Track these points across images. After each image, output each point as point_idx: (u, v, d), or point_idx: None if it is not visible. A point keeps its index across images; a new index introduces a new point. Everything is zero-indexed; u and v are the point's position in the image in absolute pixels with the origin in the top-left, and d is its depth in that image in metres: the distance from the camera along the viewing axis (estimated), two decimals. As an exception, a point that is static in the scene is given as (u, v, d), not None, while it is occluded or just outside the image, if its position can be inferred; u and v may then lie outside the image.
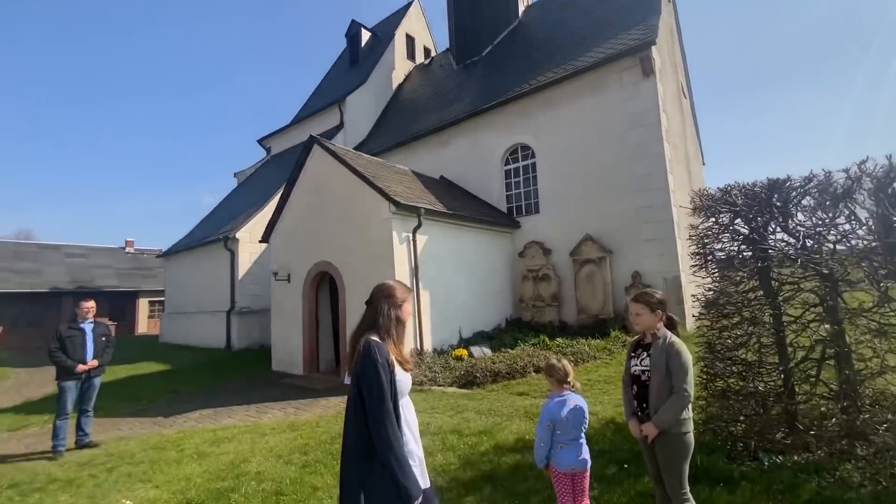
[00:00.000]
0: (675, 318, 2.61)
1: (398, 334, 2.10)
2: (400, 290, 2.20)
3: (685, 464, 2.34)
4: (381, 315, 2.09)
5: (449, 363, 7.63)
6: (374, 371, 1.88)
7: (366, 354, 1.92)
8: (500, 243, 10.90)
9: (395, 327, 2.09)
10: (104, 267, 26.03)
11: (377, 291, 2.16)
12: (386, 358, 1.95)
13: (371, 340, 2.00)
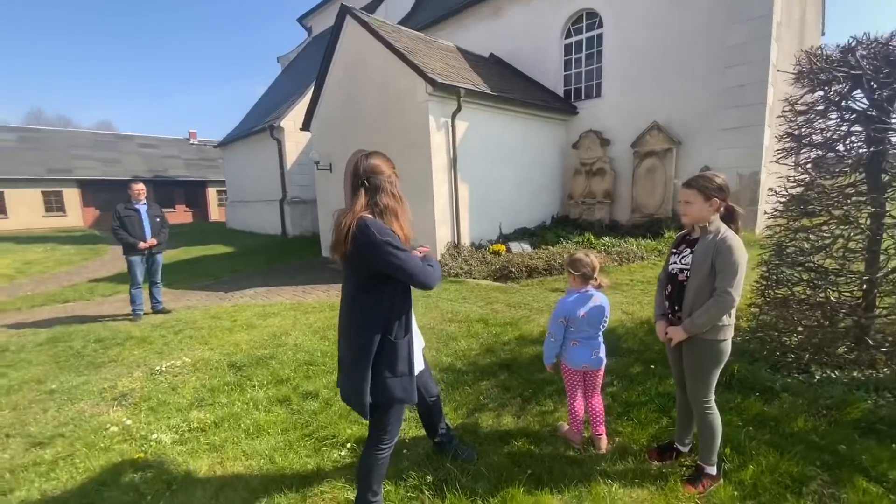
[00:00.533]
0: (736, 208, 2.09)
1: (401, 214, 1.87)
2: (388, 165, 1.90)
3: (715, 372, 2.06)
4: (382, 193, 1.83)
5: (486, 257, 7.53)
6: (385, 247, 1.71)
7: (363, 233, 1.71)
8: (552, 133, 9.86)
9: (399, 205, 1.86)
10: (173, 157, 27.77)
11: (366, 169, 1.85)
12: (389, 234, 1.74)
13: (366, 217, 1.77)
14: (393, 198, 1.88)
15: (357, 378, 1.79)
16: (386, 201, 1.85)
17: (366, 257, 1.74)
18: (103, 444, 2.86)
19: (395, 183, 1.92)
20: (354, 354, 1.81)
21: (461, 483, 2.21)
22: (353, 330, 1.83)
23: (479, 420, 2.85)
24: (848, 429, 2.42)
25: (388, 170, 1.90)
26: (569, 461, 2.38)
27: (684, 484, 2.11)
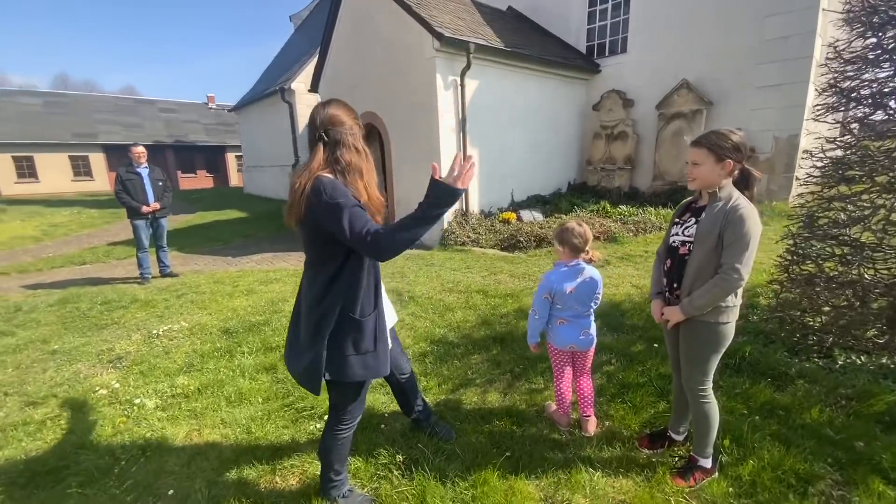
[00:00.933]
0: (753, 172, 1.78)
1: (367, 172, 1.64)
2: (350, 115, 1.66)
3: (714, 357, 1.83)
4: (343, 147, 1.60)
5: (494, 226, 7.27)
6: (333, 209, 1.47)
7: (316, 194, 1.50)
8: (572, 93, 9.22)
9: (364, 162, 1.63)
10: (193, 122, 27.87)
11: (323, 120, 1.62)
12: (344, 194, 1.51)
13: (322, 177, 1.56)
14: (356, 153, 1.64)
15: (313, 356, 1.64)
16: (348, 157, 1.62)
17: (316, 222, 1.54)
18: (90, 407, 2.88)
19: (359, 136, 1.68)
20: (311, 330, 1.64)
21: (432, 464, 2.09)
22: (310, 304, 1.66)
23: (464, 396, 2.72)
24: (869, 422, 2.17)
25: (350, 120, 1.66)
26: (551, 444, 2.23)
27: (673, 476, 1.93)
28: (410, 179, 7.70)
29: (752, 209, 1.66)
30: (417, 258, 6.48)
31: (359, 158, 1.64)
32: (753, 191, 1.78)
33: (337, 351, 1.63)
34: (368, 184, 1.66)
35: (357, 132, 1.68)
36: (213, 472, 2.20)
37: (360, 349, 1.63)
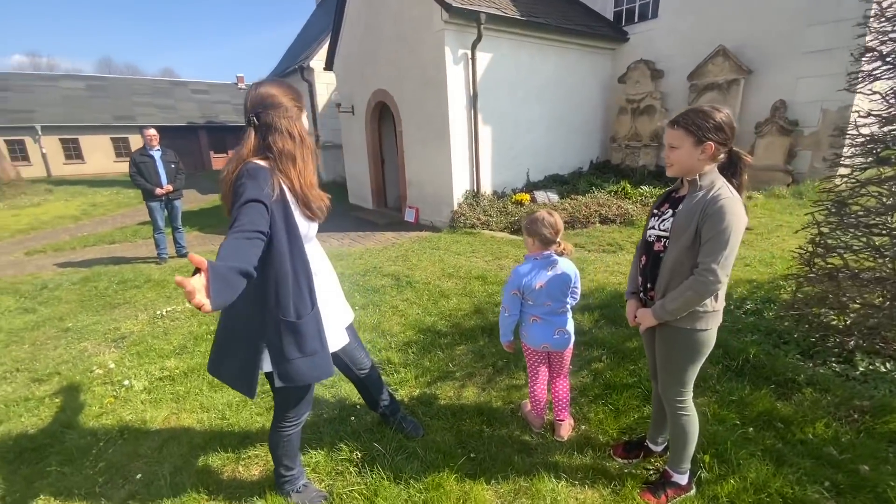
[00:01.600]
0: (743, 156, 1.52)
1: (301, 159, 1.51)
2: (287, 95, 1.51)
3: (691, 368, 1.62)
4: (275, 132, 1.48)
5: (507, 207, 7.01)
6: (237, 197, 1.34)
7: (238, 182, 1.40)
8: (596, 64, 8.62)
9: (299, 148, 1.49)
10: (224, 102, 28.46)
11: (254, 101, 1.50)
12: (266, 186, 1.39)
13: (251, 164, 1.45)
14: (290, 139, 1.51)
15: (246, 358, 1.57)
16: (280, 144, 1.49)
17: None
18: (85, 386, 2.99)
19: (297, 119, 1.54)
20: (242, 335, 1.56)
21: (392, 462, 2.02)
22: (241, 304, 1.54)
23: (440, 391, 2.63)
24: (881, 442, 1.91)
25: (287, 101, 1.52)
26: (520, 447, 2.11)
27: (643, 491, 1.77)
28: (421, 160, 7.51)
29: (736, 201, 1.41)
30: (424, 241, 6.37)
31: (293, 145, 1.51)
32: (743, 178, 1.53)
33: (281, 356, 1.53)
34: (302, 173, 1.53)
35: (295, 115, 1.55)
36: (182, 457, 2.22)
37: (305, 351, 1.53)
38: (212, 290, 1.01)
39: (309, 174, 1.56)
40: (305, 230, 1.57)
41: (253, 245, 1.24)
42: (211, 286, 1.02)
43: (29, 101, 22.83)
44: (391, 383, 2.74)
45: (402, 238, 6.79)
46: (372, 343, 3.29)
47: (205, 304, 0.99)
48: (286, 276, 1.48)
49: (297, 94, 1.58)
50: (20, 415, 2.75)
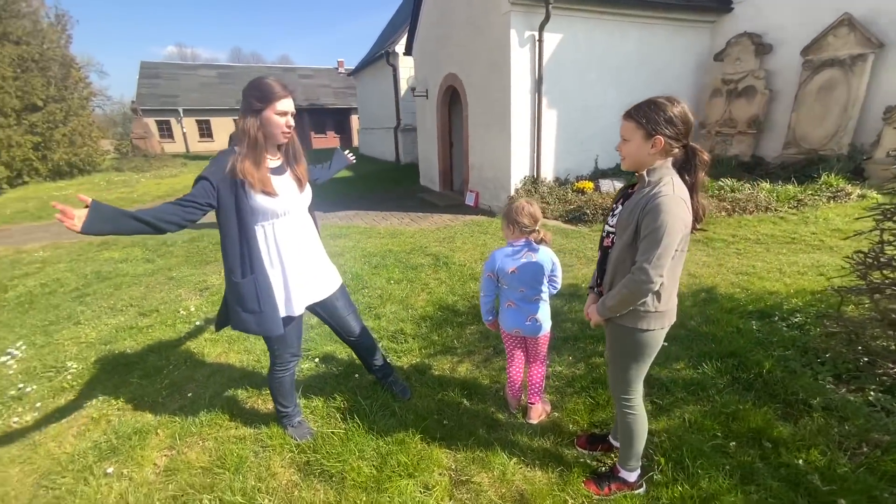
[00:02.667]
0: (699, 152, 1.44)
1: (248, 150, 1.76)
2: (257, 92, 1.76)
3: (634, 367, 1.60)
4: (241, 122, 1.78)
5: (567, 195, 6.80)
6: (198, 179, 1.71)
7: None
8: (688, 41, 7.76)
9: (242, 140, 1.76)
10: (325, 86, 30.86)
11: (243, 93, 1.80)
12: (221, 171, 1.72)
13: (227, 148, 1.79)
14: (242, 131, 1.74)
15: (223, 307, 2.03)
16: (237, 134, 1.77)
17: None
18: (172, 322, 3.75)
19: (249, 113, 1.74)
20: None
21: (371, 417, 2.29)
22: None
23: (437, 363, 2.83)
24: (880, 480, 1.67)
25: (250, 98, 1.73)
26: (489, 422, 2.24)
27: (587, 480, 1.81)
28: (483, 144, 7.56)
29: (675, 199, 1.36)
30: (475, 225, 6.50)
31: (242, 135, 1.74)
32: (698, 176, 1.45)
33: (231, 307, 1.89)
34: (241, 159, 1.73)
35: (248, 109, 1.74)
36: (221, 386, 2.74)
37: (245, 308, 1.84)
38: (86, 219, 1.43)
39: (245, 161, 1.73)
40: (271, 205, 1.80)
41: (179, 208, 1.63)
42: (87, 216, 1.43)
43: (174, 87, 27.16)
44: (398, 350, 3.02)
45: (456, 221, 6.99)
46: (395, 314, 3.59)
47: (73, 226, 1.40)
48: (231, 243, 1.79)
49: (263, 92, 1.74)
50: (124, 339, 3.55)
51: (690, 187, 1.45)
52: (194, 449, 2.23)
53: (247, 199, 1.77)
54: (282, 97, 1.79)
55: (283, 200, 1.87)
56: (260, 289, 1.87)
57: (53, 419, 2.56)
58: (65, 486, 2.04)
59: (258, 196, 1.78)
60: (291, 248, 1.96)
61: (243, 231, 1.80)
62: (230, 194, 1.74)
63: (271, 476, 2.01)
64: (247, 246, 1.81)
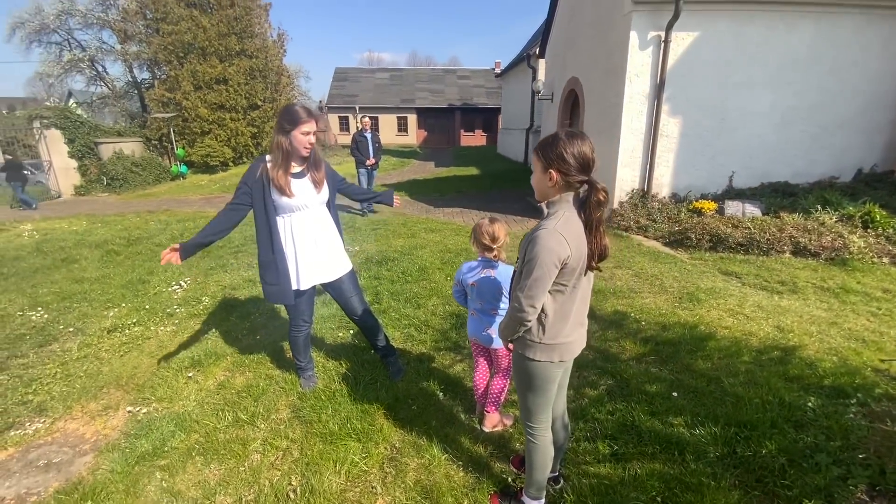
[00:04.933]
0: (598, 190, 1.37)
1: (281, 160, 2.30)
2: (288, 117, 2.27)
3: (530, 396, 1.59)
4: (275, 138, 2.34)
5: (679, 215, 6.01)
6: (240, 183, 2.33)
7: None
8: (891, 33, 5.90)
9: (275, 151, 2.31)
10: (479, 87, 32.26)
11: (278, 116, 2.34)
12: (254, 176, 2.30)
13: (256, 160, 2.38)
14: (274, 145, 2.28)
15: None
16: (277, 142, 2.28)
17: None
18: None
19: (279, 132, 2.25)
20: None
21: (360, 385, 2.70)
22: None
23: (438, 356, 3.07)
24: None
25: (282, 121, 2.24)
26: (447, 418, 2.41)
27: (493, 494, 1.87)
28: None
29: (552, 232, 1.35)
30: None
31: (273, 149, 2.29)
32: (594, 215, 1.38)
33: (261, 280, 2.47)
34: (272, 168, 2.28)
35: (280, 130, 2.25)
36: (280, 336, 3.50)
37: (268, 281, 2.40)
38: (181, 253, 2.18)
39: (277, 169, 2.26)
40: (289, 202, 2.31)
41: (227, 212, 2.28)
42: (181, 252, 2.18)
43: (355, 88, 31.96)
44: (415, 338, 3.35)
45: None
46: (434, 308, 3.89)
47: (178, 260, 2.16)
48: (261, 230, 2.34)
49: (292, 117, 2.24)
50: (243, 288, 4.71)
51: (586, 224, 1.41)
52: (242, 376, 2.99)
53: (271, 197, 2.33)
54: (306, 122, 2.28)
55: (299, 199, 2.38)
56: (279, 266, 2.43)
57: (179, 333, 3.69)
58: (163, 376, 3.00)
59: (277, 196, 2.33)
60: (305, 236, 2.47)
61: (269, 221, 2.38)
62: (260, 193, 2.33)
63: (274, 409, 2.60)
64: (271, 233, 2.38)
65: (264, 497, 1.98)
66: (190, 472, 2.18)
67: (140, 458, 2.28)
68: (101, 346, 3.59)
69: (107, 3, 17.68)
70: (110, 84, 19.51)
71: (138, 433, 2.48)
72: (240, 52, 16.17)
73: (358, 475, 2.07)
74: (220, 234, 2.34)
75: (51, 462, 2.38)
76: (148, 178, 14.84)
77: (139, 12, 16.53)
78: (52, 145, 13.82)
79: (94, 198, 13.49)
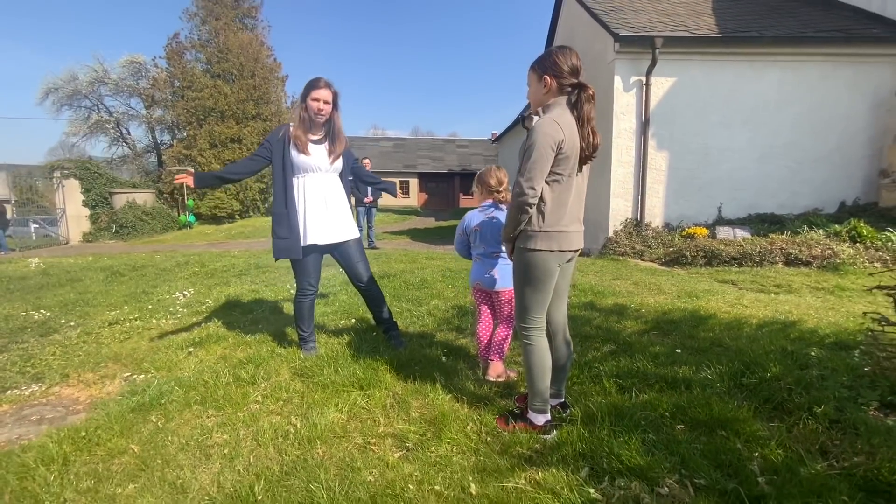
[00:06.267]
0: (585, 86, 1.57)
1: (300, 123, 2.57)
2: (309, 84, 2.57)
3: (528, 291, 1.66)
4: (298, 104, 2.61)
5: (673, 241, 6.21)
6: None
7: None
8: (856, 77, 6.56)
9: (298, 118, 2.57)
10: (477, 154, 34.28)
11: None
12: (277, 136, 2.54)
13: (280, 126, 2.64)
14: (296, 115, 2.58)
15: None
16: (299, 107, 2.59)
17: None
18: (279, 290, 4.85)
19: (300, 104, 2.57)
20: None
21: (363, 352, 2.69)
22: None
23: (440, 334, 3.07)
24: (851, 487, 1.27)
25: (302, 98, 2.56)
26: (450, 374, 2.38)
27: (499, 417, 1.83)
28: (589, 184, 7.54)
29: (548, 120, 1.53)
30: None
31: (295, 117, 2.58)
32: (585, 109, 1.58)
33: (273, 236, 2.62)
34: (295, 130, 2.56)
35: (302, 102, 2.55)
36: (281, 325, 3.50)
37: (279, 235, 2.53)
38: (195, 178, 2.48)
39: (298, 129, 2.54)
40: (304, 162, 2.53)
41: (248, 160, 2.55)
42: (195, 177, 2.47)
43: (360, 154, 33.72)
44: (416, 323, 3.35)
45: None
46: (435, 306, 3.91)
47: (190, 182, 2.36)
48: (278, 185, 2.54)
49: (308, 85, 2.55)
50: (246, 295, 4.74)
51: (578, 119, 1.59)
52: (243, 352, 2.96)
53: (290, 156, 2.54)
54: (318, 88, 2.58)
55: (313, 160, 2.59)
56: (291, 221, 2.57)
57: (181, 323, 3.69)
58: (163, 353, 2.98)
59: (295, 153, 2.54)
60: (316, 196, 2.64)
61: (286, 179, 2.57)
62: (280, 152, 2.55)
63: (275, 373, 2.57)
64: (286, 190, 2.56)
65: (262, 433, 1.92)
66: (186, 417, 2.12)
67: (136, 408, 2.22)
68: (101, 333, 3.57)
69: (138, 75, 19.47)
70: (131, 144, 20.79)
71: (134, 391, 2.43)
72: (255, 116, 17.48)
73: (359, 412, 2.03)
74: (236, 175, 2.60)
75: (43, 417, 2.31)
76: (156, 226, 15.27)
77: (168, 81, 18.15)
78: (68, 194, 14.41)
79: (101, 243, 13.78)
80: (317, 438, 1.83)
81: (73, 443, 1.89)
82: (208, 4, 17.57)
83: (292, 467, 1.66)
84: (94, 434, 1.97)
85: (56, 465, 1.75)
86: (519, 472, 1.47)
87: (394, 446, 1.76)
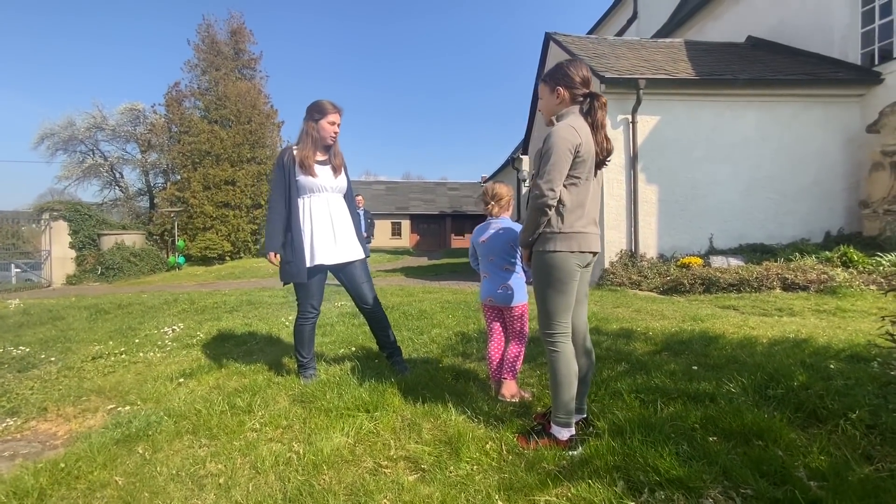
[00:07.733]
0: (597, 94, 1.62)
1: (310, 145, 2.58)
2: (318, 108, 2.61)
3: (551, 294, 1.61)
4: (305, 126, 2.64)
5: (669, 271, 6.25)
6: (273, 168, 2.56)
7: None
8: (829, 115, 6.98)
9: (304, 138, 2.59)
10: (468, 196, 35.01)
11: (308, 109, 2.67)
12: (283, 160, 2.54)
13: (282, 149, 2.65)
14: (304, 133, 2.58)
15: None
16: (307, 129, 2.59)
17: None
18: (273, 324, 4.69)
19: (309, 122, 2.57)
20: None
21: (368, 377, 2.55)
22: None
23: (446, 359, 2.96)
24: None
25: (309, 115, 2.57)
26: (461, 396, 2.26)
27: (519, 435, 1.71)
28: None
29: (565, 125, 1.56)
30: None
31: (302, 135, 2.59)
32: (597, 115, 1.61)
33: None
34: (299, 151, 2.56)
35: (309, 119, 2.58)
36: (276, 356, 3.35)
37: (284, 259, 2.51)
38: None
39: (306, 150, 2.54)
40: (310, 183, 2.53)
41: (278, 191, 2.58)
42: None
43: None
44: (420, 350, 3.23)
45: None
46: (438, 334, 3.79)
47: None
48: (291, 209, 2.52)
49: (321, 108, 2.57)
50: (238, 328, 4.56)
51: (592, 126, 1.63)
52: (237, 381, 2.80)
53: (295, 178, 2.54)
54: (333, 113, 2.62)
55: (319, 181, 2.59)
56: (295, 244, 2.52)
57: (170, 356, 3.50)
58: (151, 384, 2.80)
59: (302, 176, 2.54)
60: (322, 217, 2.61)
61: (290, 201, 2.54)
62: (283, 175, 2.54)
63: (273, 401, 2.41)
64: (290, 211, 2.53)
65: (261, 460, 1.77)
66: (176, 447, 1.96)
67: (121, 440, 2.04)
68: (84, 367, 3.36)
69: (136, 121, 19.87)
70: (124, 188, 20.81)
71: (119, 423, 2.25)
72: (250, 159, 17.76)
73: (366, 435, 1.89)
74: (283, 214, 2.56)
75: (17, 452, 2.11)
76: (144, 267, 14.96)
77: (165, 126, 18.53)
78: (55, 235, 14.18)
79: (84, 286, 13.38)
80: (322, 463, 1.69)
81: (51, 475, 1.71)
82: (209, 56, 18.33)
83: (297, 494, 1.52)
84: (75, 466, 1.79)
85: (30, 500, 1.56)
86: (549, 487, 1.36)
87: (408, 468, 1.63)
